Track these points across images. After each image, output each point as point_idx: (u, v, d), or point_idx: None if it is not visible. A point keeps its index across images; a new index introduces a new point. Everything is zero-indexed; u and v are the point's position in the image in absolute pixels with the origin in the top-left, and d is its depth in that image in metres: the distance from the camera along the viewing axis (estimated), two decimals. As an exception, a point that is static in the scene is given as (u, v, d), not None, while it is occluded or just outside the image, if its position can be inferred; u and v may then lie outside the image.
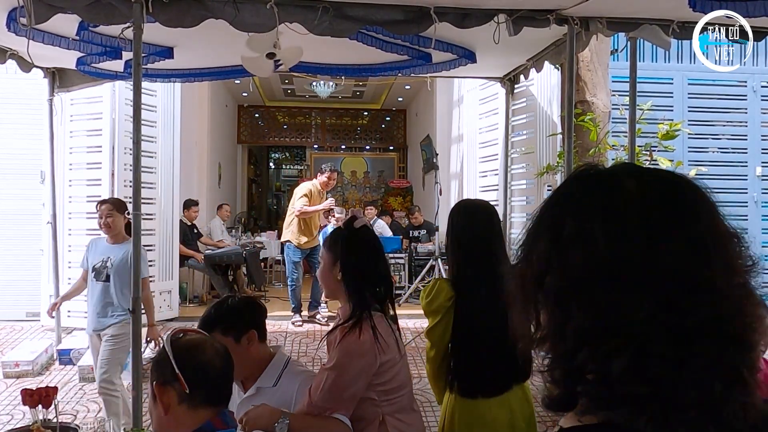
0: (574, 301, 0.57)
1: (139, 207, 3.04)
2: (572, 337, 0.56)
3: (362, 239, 1.87)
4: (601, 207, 0.58)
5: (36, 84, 5.45)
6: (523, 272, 0.62)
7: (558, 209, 0.62)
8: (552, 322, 0.59)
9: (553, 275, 0.58)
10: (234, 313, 1.86)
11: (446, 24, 3.11)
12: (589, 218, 0.58)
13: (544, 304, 0.60)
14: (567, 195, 0.63)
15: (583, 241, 0.57)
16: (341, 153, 13.61)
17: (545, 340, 0.60)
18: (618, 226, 0.57)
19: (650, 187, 0.59)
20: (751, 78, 5.96)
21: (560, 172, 4.55)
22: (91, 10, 2.91)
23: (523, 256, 0.63)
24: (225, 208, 8.92)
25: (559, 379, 0.59)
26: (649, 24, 3.29)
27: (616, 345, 0.54)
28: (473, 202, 2.33)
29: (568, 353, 0.57)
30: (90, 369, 4.79)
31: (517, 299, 0.63)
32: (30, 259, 6.38)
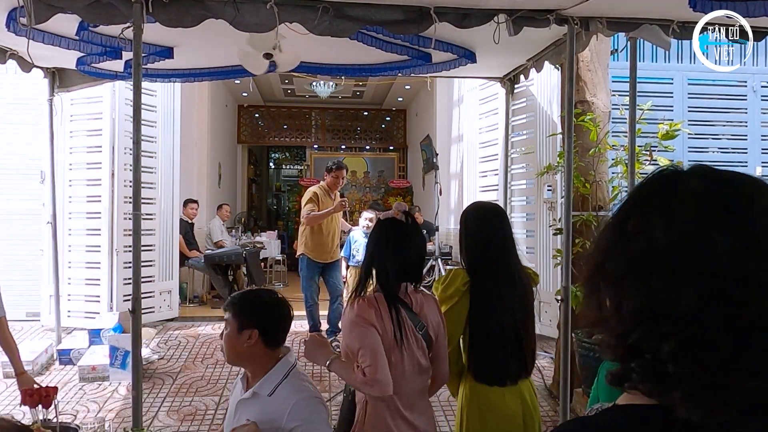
0: (631, 284, 0.62)
1: (139, 207, 3.03)
2: (628, 318, 0.62)
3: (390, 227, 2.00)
4: (665, 202, 0.63)
5: (36, 84, 5.45)
6: (589, 258, 0.69)
7: (628, 204, 0.68)
8: (612, 305, 0.64)
9: (613, 261, 0.64)
10: (249, 305, 1.86)
11: (446, 24, 3.11)
12: (652, 212, 0.63)
13: (606, 288, 0.65)
14: (637, 193, 0.69)
15: (644, 232, 0.62)
16: (341, 153, 13.59)
17: (605, 321, 0.65)
18: (677, 219, 0.61)
19: (713, 186, 0.63)
20: (751, 78, 5.96)
21: (560, 172, 4.55)
22: (91, 10, 2.91)
23: (593, 248, 0.70)
24: (225, 208, 8.93)
25: (617, 358, 0.64)
26: (649, 24, 3.29)
27: (669, 326, 0.58)
28: (486, 205, 2.40)
29: (624, 333, 0.62)
30: (90, 369, 4.80)
31: (584, 285, 0.70)
32: (30, 259, 6.38)
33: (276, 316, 1.86)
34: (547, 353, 5.28)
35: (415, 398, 1.93)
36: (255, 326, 1.81)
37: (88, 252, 6.18)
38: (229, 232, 9.17)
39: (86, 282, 6.20)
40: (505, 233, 2.16)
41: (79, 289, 6.21)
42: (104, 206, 6.10)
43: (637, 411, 0.62)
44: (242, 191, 13.16)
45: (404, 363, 1.88)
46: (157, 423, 4.02)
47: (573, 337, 3.93)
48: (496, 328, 2.06)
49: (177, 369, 5.16)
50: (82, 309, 6.18)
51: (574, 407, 3.96)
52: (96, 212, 6.15)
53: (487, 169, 6.37)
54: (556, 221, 4.64)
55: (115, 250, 6.10)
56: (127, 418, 3.84)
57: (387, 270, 1.92)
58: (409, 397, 1.91)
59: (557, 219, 4.64)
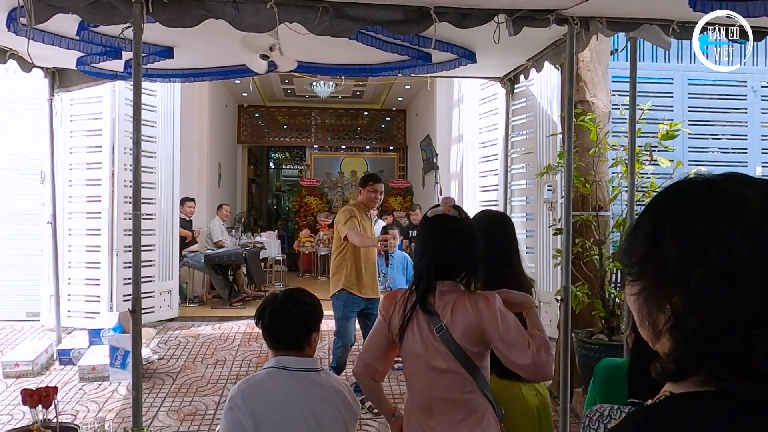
0: (721, 293, 0.65)
1: (139, 207, 3.03)
2: (720, 323, 0.65)
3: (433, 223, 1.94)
4: (734, 211, 0.67)
5: (36, 84, 5.45)
6: (657, 270, 0.70)
7: (682, 213, 0.70)
8: (693, 312, 0.67)
9: (695, 271, 0.67)
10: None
11: (446, 24, 3.11)
12: (723, 221, 0.67)
13: (685, 297, 0.68)
14: (687, 202, 0.71)
15: (722, 241, 0.66)
16: (341, 153, 13.60)
17: (679, 327, 0.68)
18: (751, 229, 0.65)
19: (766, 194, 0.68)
20: (751, 78, 5.96)
21: (560, 172, 4.55)
22: (91, 10, 2.91)
23: (647, 256, 0.72)
24: (225, 208, 8.93)
25: (689, 359, 0.67)
26: (649, 24, 3.29)
27: (761, 331, 0.63)
28: (492, 213, 2.56)
29: (712, 336, 0.65)
30: (90, 369, 4.80)
31: (647, 295, 0.72)
32: (30, 259, 6.38)
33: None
34: (547, 353, 5.27)
35: (436, 404, 1.83)
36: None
37: (88, 252, 6.19)
38: (229, 232, 9.18)
39: (86, 282, 6.20)
40: (511, 239, 2.29)
41: (79, 289, 6.21)
42: (104, 206, 6.10)
43: (705, 397, 0.66)
44: (242, 191, 13.17)
45: (411, 362, 1.87)
46: (157, 423, 4.02)
47: (573, 337, 3.93)
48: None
49: (177, 369, 5.16)
50: (82, 309, 6.18)
51: (574, 407, 3.96)
52: (96, 212, 6.15)
53: (487, 169, 6.37)
54: (556, 221, 4.64)
55: (115, 250, 6.10)
56: (127, 418, 3.84)
57: (418, 266, 1.92)
58: (423, 399, 1.86)
59: (557, 219, 4.64)
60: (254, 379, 1.85)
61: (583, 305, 4.10)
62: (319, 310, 1.96)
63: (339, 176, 13.07)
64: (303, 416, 1.79)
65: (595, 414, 1.23)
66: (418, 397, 1.87)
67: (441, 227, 1.90)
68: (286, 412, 1.78)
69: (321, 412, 1.82)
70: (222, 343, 5.92)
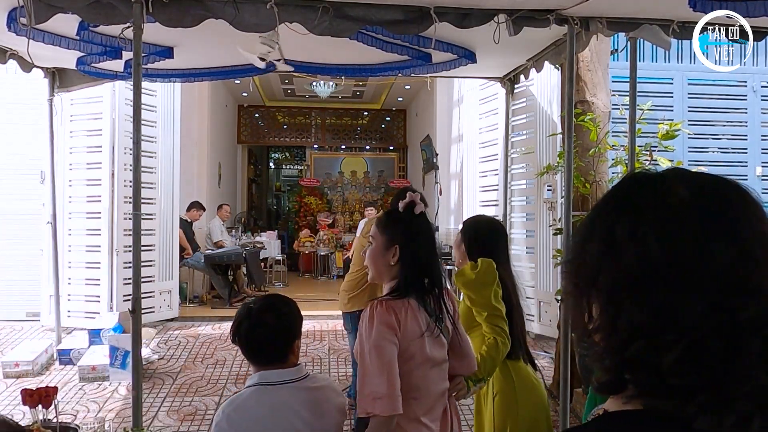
0: (627, 297, 0.62)
1: (139, 207, 3.03)
2: (625, 330, 0.61)
3: (422, 226, 1.83)
4: (654, 212, 0.63)
5: (36, 84, 5.45)
6: (577, 269, 0.68)
7: (611, 211, 0.67)
8: (605, 316, 0.64)
9: (606, 273, 0.63)
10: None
11: (446, 24, 3.11)
12: (642, 221, 0.62)
13: (597, 300, 0.65)
14: (620, 198, 0.68)
15: (636, 243, 0.62)
16: (341, 153, 13.60)
17: (597, 331, 0.65)
18: (671, 230, 0.61)
19: (702, 194, 0.63)
20: (751, 78, 5.96)
21: (560, 172, 4.55)
22: (91, 10, 2.91)
23: (575, 254, 0.69)
24: (225, 208, 8.93)
25: (609, 368, 0.64)
26: (649, 24, 3.29)
27: (670, 339, 0.59)
28: (485, 218, 2.68)
29: (620, 345, 0.62)
30: (90, 369, 4.80)
31: (571, 294, 0.68)
32: (30, 259, 6.38)
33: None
34: (547, 353, 5.28)
35: (438, 401, 1.80)
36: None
37: (88, 252, 6.19)
38: (229, 232, 9.18)
39: (86, 282, 6.20)
40: (505, 244, 2.48)
41: (79, 289, 6.21)
42: (104, 206, 6.10)
43: (631, 418, 0.62)
44: (242, 191, 13.17)
45: (424, 366, 1.78)
46: (157, 423, 4.02)
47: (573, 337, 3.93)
48: (517, 313, 2.30)
49: (177, 369, 5.16)
50: (82, 309, 6.18)
51: (574, 407, 3.96)
52: (96, 212, 6.15)
53: (487, 169, 6.37)
54: (556, 221, 4.64)
55: (115, 250, 6.10)
56: (127, 418, 3.84)
57: (428, 265, 1.93)
58: (429, 401, 1.78)
59: (557, 219, 4.64)
60: (238, 400, 1.74)
61: (583, 305, 4.10)
62: (299, 315, 1.82)
63: (339, 176, 13.06)
64: (293, 430, 1.73)
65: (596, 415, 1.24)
66: (426, 401, 1.76)
67: (429, 226, 1.89)
68: (275, 430, 1.71)
69: (312, 419, 1.75)
70: (222, 343, 5.92)
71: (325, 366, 5.28)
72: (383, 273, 1.80)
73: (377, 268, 1.81)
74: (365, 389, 1.61)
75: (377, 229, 1.83)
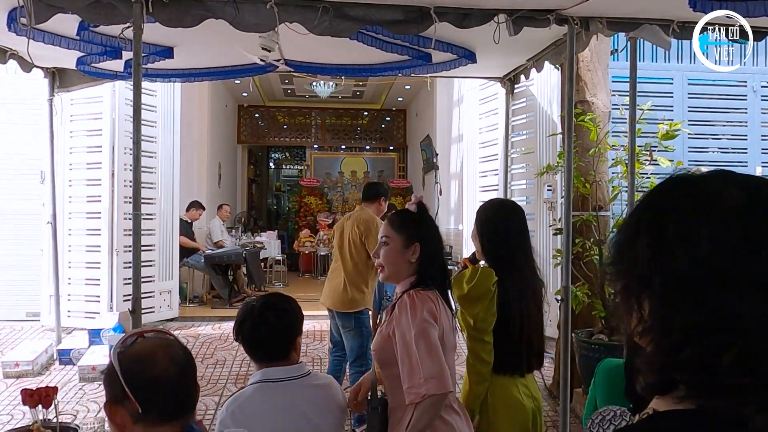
0: (682, 299, 0.61)
1: (139, 207, 3.03)
2: (679, 332, 0.61)
3: (433, 223, 1.94)
4: (707, 213, 0.63)
5: (36, 84, 5.45)
6: (627, 270, 0.67)
7: (659, 212, 0.67)
8: (657, 318, 0.64)
9: (659, 274, 0.63)
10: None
11: (446, 24, 3.11)
12: (694, 223, 0.62)
13: (649, 301, 0.64)
14: (667, 199, 0.68)
15: (690, 244, 0.62)
16: (341, 153, 13.60)
17: (647, 332, 0.65)
18: (725, 232, 0.61)
19: (756, 195, 0.63)
20: (751, 78, 5.95)
21: (560, 172, 4.55)
22: (91, 10, 2.91)
23: (622, 255, 0.69)
24: (225, 208, 8.93)
25: (660, 368, 0.64)
26: (649, 24, 3.29)
27: (726, 340, 0.59)
28: (503, 201, 2.49)
29: (673, 346, 0.62)
30: (90, 369, 4.80)
31: (619, 295, 0.68)
32: (30, 259, 6.39)
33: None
34: (547, 353, 5.27)
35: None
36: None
37: (88, 252, 6.19)
38: (229, 232, 9.18)
39: (86, 282, 6.20)
40: (522, 227, 2.24)
41: (79, 289, 6.22)
42: (104, 206, 6.11)
43: (685, 417, 0.63)
44: (242, 191, 13.17)
45: (450, 355, 1.86)
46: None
47: (573, 337, 3.92)
48: (516, 322, 2.08)
49: (177, 369, 5.15)
50: (82, 309, 6.18)
51: (574, 407, 3.96)
52: (96, 212, 6.15)
53: (487, 169, 6.37)
54: (556, 221, 4.64)
55: (115, 250, 6.10)
56: (127, 418, 3.83)
57: (440, 261, 1.95)
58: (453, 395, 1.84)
59: (557, 219, 4.64)
60: (242, 397, 1.75)
61: (583, 305, 4.10)
62: (300, 312, 1.86)
63: (339, 176, 13.06)
64: (298, 427, 1.75)
65: (598, 417, 1.23)
66: (454, 388, 1.79)
67: (436, 224, 1.96)
68: (279, 426, 1.72)
69: (315, 416, 1.77)
70: (222, 343, 5.92)
71: (325, 366, 5.27)
72: (402, 271, 1.84)
73: (397, 267, 1.83)
74: (414, 376, 1.63)
75: (392, 230, 1.85)
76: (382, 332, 1.80)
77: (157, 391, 1.21)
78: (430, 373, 1.63)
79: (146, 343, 1.28)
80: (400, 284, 1.86)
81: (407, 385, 1.65)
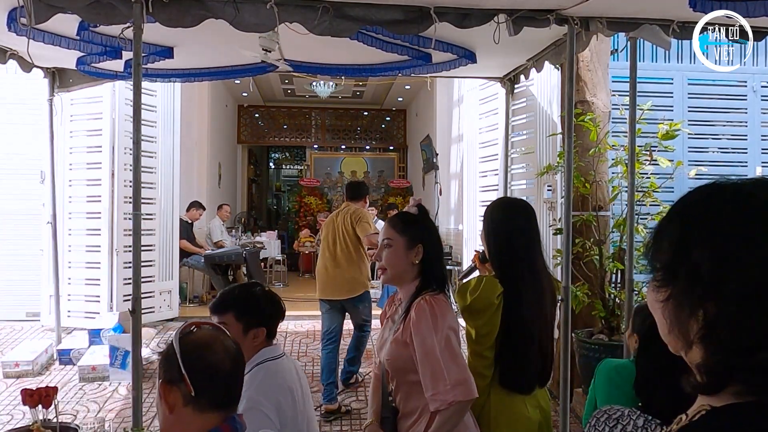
0: (754, 305, 0.63)
1: (139, 207, 3.03)
2: (751, 336, 0.63)
3: (433, 225, 1.96)
4: (764, 217, 0.65)
5: (36, 84, 5.45)
6: (687, 279, 0.68)
7: (714, 221, 0.68)
8: (725, 323, 0.65)
9: (731, 282, 0.64)
10: (255, 303, 1.87)
11: (446, 24, 3.11)
12: (755, 230, 0.65)
13: (719, 308, 0.65)
14: (719, 207, 0.68)
15: (756, 248, 0.64)
16: (341, 153, 13.60)
17: (711, 337, 0.66)
18: None
19: None
20: (751, 78, 5.95)
21: (560, 172, 4.55)
22: (91, 10, 2.90)
23: (676, 264, 0.69)
24: (225, 208, 8.94)
25: (723, 371, 0.66)
26: (649, 24, 3.29)
27: None
28: (513, 200, 2.36)
29: (746, 349, 0.64)
30: (90, 369, 4.80)
31: (677, 304, 0.69)
32: (30, 259, 6.38)
33: (277, 310, 1.93)
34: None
35: None
36: (263, 324, 1.87)
37: (88, 252, 6.19)
38: (229, 232, 9.18)
39: (86, 282, 6.20)
40: (530, 227, 2.09)
41: (79, 289, 6.21)
42: (104, 206, 6.11)
43: (751, 408, 0.65)
44: (242, 191, 13.17)
45: None
46: (157, 423, 4.02)
47: (573, 337, 3.93)
48: (524, 338, 1.98)
49: (177, 369, 5.15)
50: (82, 309, 6.18)
51: (574, 407, 3.96)
52: (96, 212, 6.15)
53: (487, 169, 6.37)
54: (556, 221, 4.64)
55: (115, 250, 6.10)
56: (127, 418, 3.84)
57: (440, 265, 1.96)
58: None
59: (557, 219, 4.64)
60: (257, 379, 1.76)
61: (583, 305, 4.11)
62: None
63: (339, 176, 13.07)
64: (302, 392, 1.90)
65: (603, 415, 1.22)
66: None
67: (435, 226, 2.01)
68: (292, 394, 1.84)
69: (304, 384, 1.96)
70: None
71: (325, 366, 5.27)
72: (406, 273, 1.83)
73: (400, 269, 1.83)
74: (439, 383, 1.63)
75: (395, 232, 1.84)
76: (395, 339, 1.77)
77: (212, 377, 1.28)
78: (457, 380, 1.62)
79: (206, 331, 1.36)
80: (404, 288, 1.85)
81: (432, 391, 1.64)
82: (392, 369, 1.80)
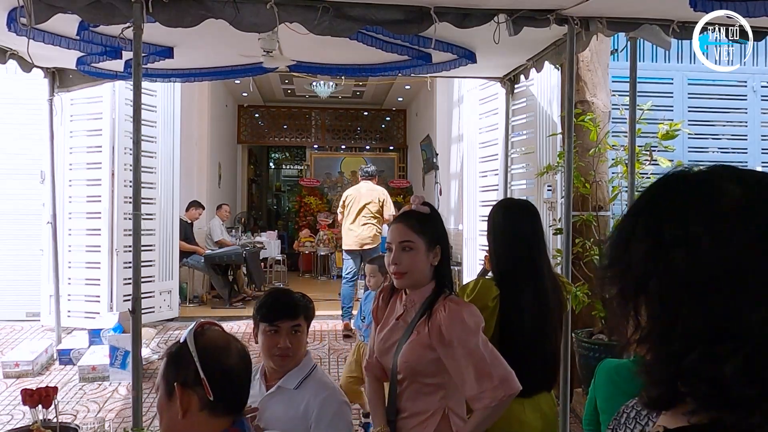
0: (681, 304, 0.57)
1: (139, 207, 3.03)
2: (680, 339, 0.57)
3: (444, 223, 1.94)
4: (705, 211, 0.58)
5: (36, 84, 5.45)
6: (622, 273, 0.63)
7: (655, 211, 0.63)
8: (656, 324, 0.59)
9: (657, 278, 0.59)
10: (311, 306, 1.98)
11: (446, 24, 3.11)
12: (692, 222, 0.58)
13: (647, 306, 0.60)
14: (664, 197, 0.63)
15: (688, 246, 0.57)
16: (341, 153, 13.60)
17: (645, 340, 0.61)
18: (724, 231, 0.56)
19: (756, 192, 0.59)
20: (751, 78, 5.95)
21: (560, 172, 4.55)
22: (91, 10, 2.90)
23: (617, 257, 0.64)
24: (225, 208, 8.93)
25: (662, 380, 0.59)
26: (649, 24, 3.29)
27: (729, 348, 0.55)
28: (516, 201, 2.33)
29: (673, 355, 0.57)
30: (90, 369, 4.80)
31: (614, 300, 0.64)
32: (30, 259, 6.38)
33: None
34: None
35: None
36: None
37: (88, 252, 6.19)
38: (229, 232, 9.18)
39: (86, 282, 6.20)
40: (534, 231, 2.06)
41: (79, 289, 6.21)
42: (104, 206, 6.10)
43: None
44: (242, 191, 13.17)
45: None
46: (156, 423, 4.02)
47: (573, 337, 3.93)
48: (523, 342, 1.96)
49: (177, 369, 5.15)
50: (82, 309, 6.18)
51: (574, 407, 3.96)
52: (96, 212, 6.15)
53: (487, 169, 6.36)
54: (556, 221, 4.64)
55: (115, 250, 6.10)
56: (127, 418, 3.84)
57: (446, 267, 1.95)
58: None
59: (557, 219, 4.64)
60: (327, 382, 1.93)
61: (583, 305, 4.11)
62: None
63: (339, 176, 13.06)
64: None
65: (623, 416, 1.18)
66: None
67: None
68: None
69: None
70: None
71: (325, 366, 5.28)
72: (425, 275, 1.77)
73: (421, 273, 1.75)
74: (485, 381, 1.64)
75: (414, 233, 1.74)
76: (416, 341, 1.72)
77: (230, 381, 1.22)
78: (503, 376, 1.66)
79: (218, 333, 1.30)
80: (419, 291, 1.78)
81: (478, 390, 1.64)
82: (408, 371, 1.74)
